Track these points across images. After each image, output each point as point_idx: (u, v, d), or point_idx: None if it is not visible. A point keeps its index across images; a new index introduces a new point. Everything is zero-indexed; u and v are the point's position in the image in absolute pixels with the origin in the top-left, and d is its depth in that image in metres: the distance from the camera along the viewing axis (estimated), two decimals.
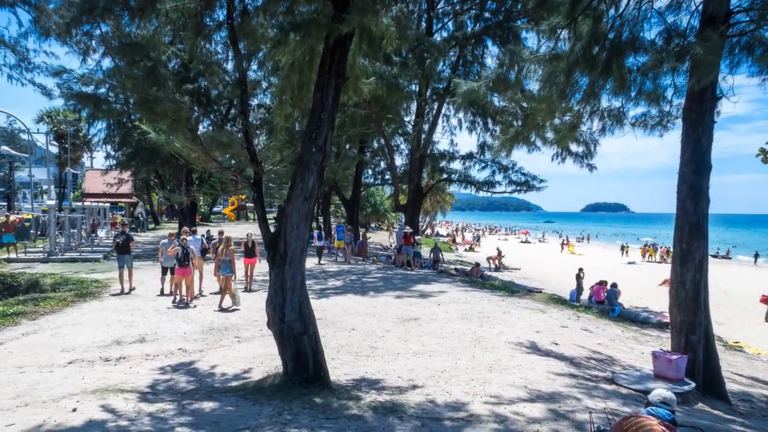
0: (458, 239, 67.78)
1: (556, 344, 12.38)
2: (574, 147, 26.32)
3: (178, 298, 15.45)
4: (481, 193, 34.97)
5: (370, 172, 41.60)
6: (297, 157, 8.40)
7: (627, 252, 57.83)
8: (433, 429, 6.79)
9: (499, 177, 33.40)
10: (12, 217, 26.13)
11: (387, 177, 40.63)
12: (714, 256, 53.42)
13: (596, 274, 27.08)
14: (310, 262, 23.12)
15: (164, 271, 16.61)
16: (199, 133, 9.82)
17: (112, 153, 39.16)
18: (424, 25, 30.81)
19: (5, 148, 52.57)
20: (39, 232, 31.07)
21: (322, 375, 8.37)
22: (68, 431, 6.45)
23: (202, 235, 22.86)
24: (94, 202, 41.96)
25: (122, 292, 16.45)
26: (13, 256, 23.04)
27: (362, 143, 34.02)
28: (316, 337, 8.42)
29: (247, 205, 71.81)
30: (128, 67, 8.42)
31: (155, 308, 14.60)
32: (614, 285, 21.63)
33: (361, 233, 34.44)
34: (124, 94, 10.69)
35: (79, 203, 41.60)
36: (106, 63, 14.55)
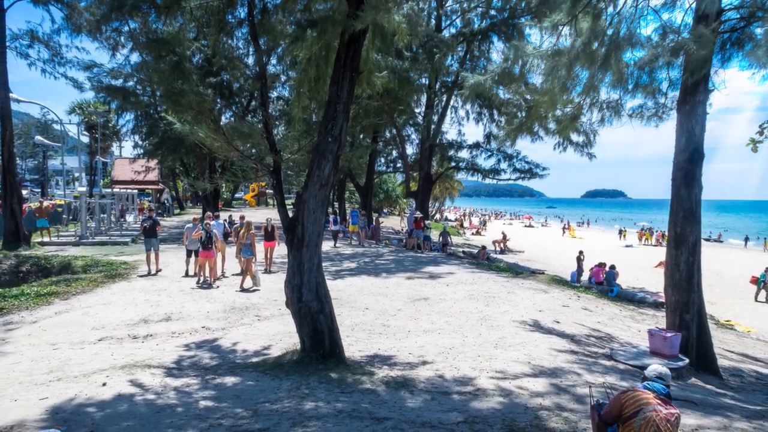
0: (466, 224, 67.66)
1: (558, 322, 12.38)
2: (574, 137, 26.41)
3: (201, 279, 15.53)
4: (488, 180, 34.81)
5: (382, 160, 41.55)
6: (314, 146, 8.41)
7: (625, 236, 57.35)
8: (442, 402, 6.83)
9: (504, 165, 33.37)
10: (45, 203, 26.27)
11: (398, 165, 40.50)
12: (706, 240, 53.11)
13: (596, 256, 26.96)
14: (326, 246, 23.14)
15: (189, 253, 16.68)
16: (221, 123, 9.86)
17: (140, 142, 39.22)
18: (433, 22, 30.62)
19: (39, 137, 53.00)
20: (71, 217, 31.22)
21: (337, 351, 8.44)
22: (98, 404, 6.53)
23: (225, 220, 22.99)
24: (123, 188, 42.34)
25: (149, 274, 16.54)
26: (46, 239, 23.18)
27: (375, 133, 33.95)
28: (331, 315, 8.47)
29: (267, 191, 72.16)
30: (155, 62, 8.46)
31: (180, 289, 14.70)
32: (612, 267, 21.56)
33: (374, 218, 34.42)
34: (151, 87, 10.72)
35: (109, 190, 41.97)
36: (134, 58, 14.59)
